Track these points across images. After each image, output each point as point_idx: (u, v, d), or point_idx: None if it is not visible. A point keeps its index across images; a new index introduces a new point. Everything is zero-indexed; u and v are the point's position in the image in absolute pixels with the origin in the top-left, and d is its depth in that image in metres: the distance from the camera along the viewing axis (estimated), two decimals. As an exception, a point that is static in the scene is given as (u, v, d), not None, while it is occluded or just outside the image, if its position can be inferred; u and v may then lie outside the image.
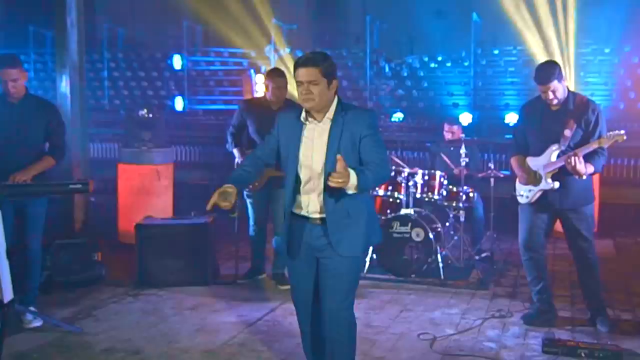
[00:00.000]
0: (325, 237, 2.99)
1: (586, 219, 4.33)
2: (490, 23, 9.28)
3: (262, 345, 4.13)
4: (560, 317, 4.61)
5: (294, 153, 3.03)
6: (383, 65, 9.99)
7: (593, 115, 4.19)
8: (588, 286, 4.51)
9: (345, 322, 3.10)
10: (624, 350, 3.90)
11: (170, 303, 5.04)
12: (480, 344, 4.17)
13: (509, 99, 9.30)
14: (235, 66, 11.09)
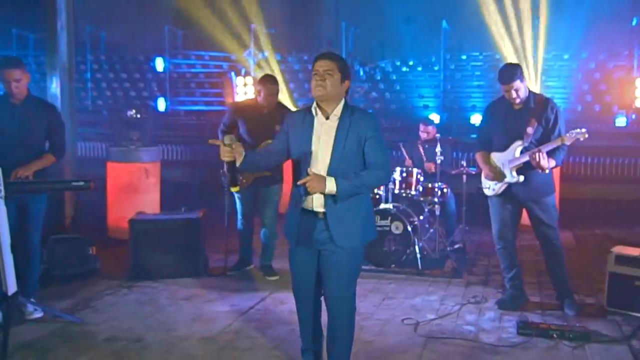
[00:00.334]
0: (327, 230, 3.06)
1: (548, 208, 4.48)
2: (459, 30, 9.48)
3: (256, 332, 4.17)
4: (530, 302, 4.76)
5: (307, 149, 3.08)
6: (357, 69, 10.12)
7: (552, 113, 4.34)
8: (555, 273, 4.66)
9: (347, 310, 3.19)
10: (591, 331, 4.07)
11: (165, 294, 5.04)
12: (460, 328, 4.29)
13: (476, 101, 9.50)
14: (216, 69, 11.09)
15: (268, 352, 3.83)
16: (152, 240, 5.45)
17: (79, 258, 5.41)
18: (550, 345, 3.92)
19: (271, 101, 5.25)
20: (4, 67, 4.20)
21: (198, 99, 11.19)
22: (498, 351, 3.84)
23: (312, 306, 3.33)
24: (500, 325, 4.33)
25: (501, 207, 4.54)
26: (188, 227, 5.55)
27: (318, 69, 3.03)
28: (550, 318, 4.45)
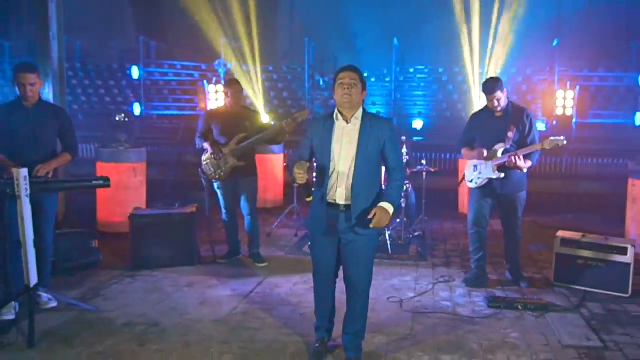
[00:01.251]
0: (348, 221, 3.08)
1: (520, 202, 4.67)
2: (408, 47, 9.67)
3: (263, 313, 4.13)
4: (490, 280, 4.89)
5: (328, 150, 3.10)
6: (318, 79, 10.15)
7: (527, 120, 4.53)
8: (512, 255, 4.87)
9: (366, 290, 3.23)
10: (547, 302, 4.27)
11: (168, 282, 4.89)
12: (439, 303, 4.39)
13: (421, 108, 9.75)
14: (187, 77, 10.83)
15: (278, 330, 3.80)
16: (151, 233, 5.28)
17: (83, 251, 5.17)
18: (517, 315, 4.10)
19: (238, 99, 5.26)
20: (20, 71, 3.98)
21: (170, 104, 10.90)
22: (475, 322, 3.98)
23: (330, 289, 3.35)
24: (471, 300, 4.47)
25: (480, 199, 4.67)
26: (185, 220, 5.40)
27: (344, 79, 3.06)
28: (509, 292, 4.62)
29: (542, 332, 3.78)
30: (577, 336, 3.72)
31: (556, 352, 3.47)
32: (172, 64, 10.92)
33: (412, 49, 9.61)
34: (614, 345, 3.59)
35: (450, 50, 9.52)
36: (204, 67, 10.73)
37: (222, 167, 5.22)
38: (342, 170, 3.06)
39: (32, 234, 3.66)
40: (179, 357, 3.39)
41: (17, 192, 3.51)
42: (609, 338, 3.70)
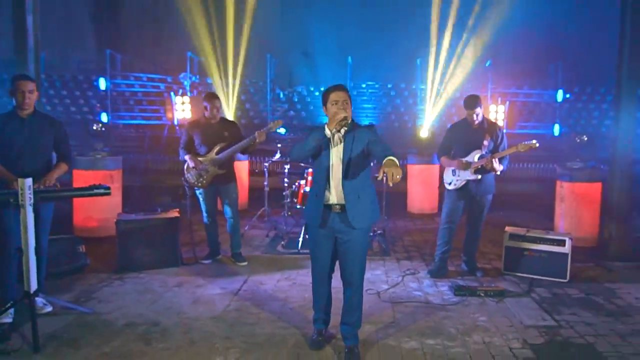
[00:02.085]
0: (344, 221, 3.11)
1: (488, 204, 4.86)
2: (361, 64, 9.83)
3: (255, 309, 4.06)
4: (450, 271, 5.03)
5: (324, 157, 3.12)
6: (278, 92, 10.11)
7: (500, 132, 4.78)
8: (471, 249, 5.06)
9: (361, 282, 3.25)
10: (503, 289, 4.48)
11: (157, 282, 4.70)
12: (411, 293, 4.48)
13: (371, 119, 9.91)
14: (153, 89, 10.46)
15: (274, 324, 3.75)
16: (137, 237, 5.07)
17: (70, 256, 4.88)
18: (480, 301, 4.26)
19: (217, 113, 5.20)
20: (20, 79, 3.76)
21: (136, 114, 10.48)
22: (447, 309, 4.10)
23: (327, 282, 3.35)
24: (438, 289, 4.59)
25: (456, 199, 4.82)
26: (169, 224, 5.23)
27: (338, 99, 3.09)
28: (469, 281, 4.78)
29: (504, 315, 3.95)
30: (534, 317, 3.92)
31: (521, 332, 3.64)
32: (138, 76, 10.50)
33: (364, 66, 9.79)
34: (565, 323, 3.82)
35: (398, 68, 9.79)
36: (170, 79, 10.41)
37: (203, 176, 5.18)
38: (335, 175, 3.12)
39: (34, 242, 3.43)
40: (187, 354, 3.27)
41: (21, 201, 3.27)
42: (560, 317, 3.92)
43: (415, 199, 8.25)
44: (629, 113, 5.53)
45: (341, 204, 3.12)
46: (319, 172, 3.16)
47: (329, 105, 3.16)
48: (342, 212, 3.12)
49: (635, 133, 5.59)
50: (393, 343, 3.45)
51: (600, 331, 3.67)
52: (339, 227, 3.14)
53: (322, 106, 3.28)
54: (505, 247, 5.08)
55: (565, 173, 6.18)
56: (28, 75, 3.83)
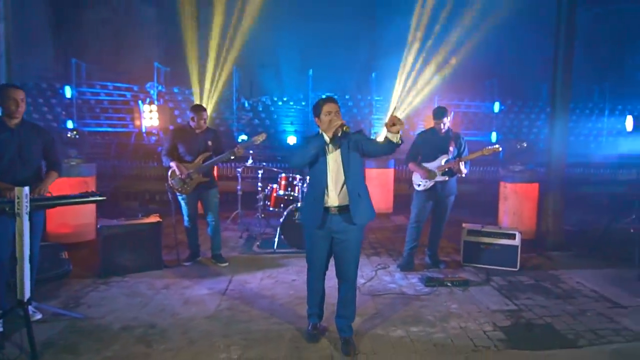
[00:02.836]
0: (343, 220, 3.11)
1: (451, 204, 5.00)
2: (322, 77, 9.87)
3: (246, 307, 3.96)
4: (416, 265, 5.14)
5: (322, 164, 3.11)
6: (243, 101, 9.94)
7: (463, 140, 4.96)
8: (434, 243, 5.21)
9: (355, 278, 3.25)
10: (467, 279, 4.65)
11: (143, 286, 4.48)
12: (386, 286, 4.53)
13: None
14: (120, 97, 9.98)
15: (268, 320, 3.69)
16: (120, 242, 4.81)
17: (54, 262, 4.56)
18: (449, 291, 4.39)
19: (203, 124, 5.10)
20: (10, 87, 3.50)
21: (102, 122, 9.95)
22: (421, 299, 4.19)
23: (322, 279, 3.34)
24: (410, 282, 4.68)
25: (424, 200, 4.93)
26: (152, 229, 4.99)
27: (331, 110, 3.10)
28: (435, 273, 4.91)
29: (472, 302, 4.10)
30: (498, 303, 4.10)
31: (489, 316, 3.80)
32: (104, 84, 9.97)
33: (325, 78, 9.85)
34: (524, 307, 4.02)
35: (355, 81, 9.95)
36: (136, 88, 9.97)
37: (187, 183, 5.03)
38: (332, 179, 3.12)
39: (28, 250, 3.16)
40: (190, 354, 3.14)
41: (17, 209, 3.02)
42: (519, 302, 4.13)
43: (372, 199, 8.35)
44: (562, 124, 5.93)
45: (339, 205, 3.12)
46: (317, 177, 3.15)
47: (322, 116, 3.15)
48: (340, 213, 3.13)
49: (567, 141, 5.99)
50: (381, 332, 3.49)
51: (554, 312, 3.90)
52: (336, 227, 3.14)
53: (315, 117, 3.25)
54: (464, 241, 5.28)
55: (508, 175, 6.52)
56: (17, 84, 3.54)
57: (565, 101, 5.87)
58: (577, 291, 4.44)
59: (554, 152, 6.01)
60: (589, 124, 9.71)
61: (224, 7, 8.81)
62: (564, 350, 3.20)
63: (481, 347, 3.25)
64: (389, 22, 10.11)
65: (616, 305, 4.05)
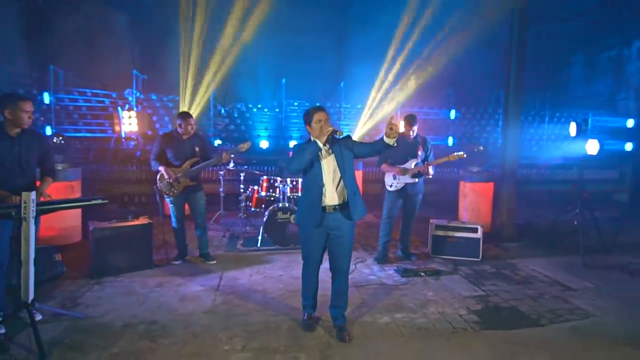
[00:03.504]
0: (340, 217, 3.18)
1: (419, 201, 5.18)
2: (294, 85, 9.90)
3: (240, 301, 3.96)
4: (390, 257, 5.27)
5: (318, 168, 3.17)
6: (219, 108, 9.82)
7: (429, 144, 5.12)
8: (406, 237, 5.38)
9: (347, 272, 3.33)
10: (438, 269, 4.84)
11: (137, 285, 4.38)
12: (367, 277, 4.63)
13: (302, 132, 10.02)
14: (98, 103, 9.61)
15: (264, 313, 3.71)
16: (112, 243, 4.68)
17: (47, 264, 4.37)
18: (423, 280, 4.56)
19: (190, 129, 5.06)
20: (21, 99, 3.37)
21: (81, 127, 9.54)
22: (400, 288, 4.33)
23: (317, 273, 3.39)
24: (387, 273, 4.81)
25: (395, 198, 5.07)
26: (143, 230, 4.88)
27: (321, 118, 3.17)
28: (408, 265, 5.06)
29: (445, 290, 4.29)
30: (467, 289, 4.31)
31: (463, 302, 3.98)
32: (82, 91, 9.55)
33: (297, 87, 9.88)
34: (490, 292, 4.24)
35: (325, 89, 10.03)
36: (115, 95, 9.62)
37: (175, 186, 4.97)
38: (328, 181, 3.19)
39: (34, 253, 3.04)
40: (195, 347, 3.12)
41: (24, 214, 2.90)
42: (485, 288, 4.35)
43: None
44: (514, 130, 6.27)
45: (336, 204, 3.19)
46: (313, 181, 3.20)
47: (313, 124, 3.21)
48: (336, 210, 3.19)
49: (518, 145, 6.34)
50: (369, 320, 3.59)
51: (517, 296, 4.14)
52: (333, 224, 3.21)
53: (306, 125, 3.30)
54: (432, 235, 5.49)
55: (467, 175, 6.82)
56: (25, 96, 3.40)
57: (517, 111, 6.21)
58: (534, 277, 4.72)
59: (508, 155, 6.35)
60: (532, 130, 10.29)
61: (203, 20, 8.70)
62: (529, 329, 3.42)
63: (459, 329, 3.42)
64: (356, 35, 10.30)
65: (568, 288, 4.35)
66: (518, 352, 3.04)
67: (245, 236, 6.42)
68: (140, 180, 9.18)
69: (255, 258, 5.39)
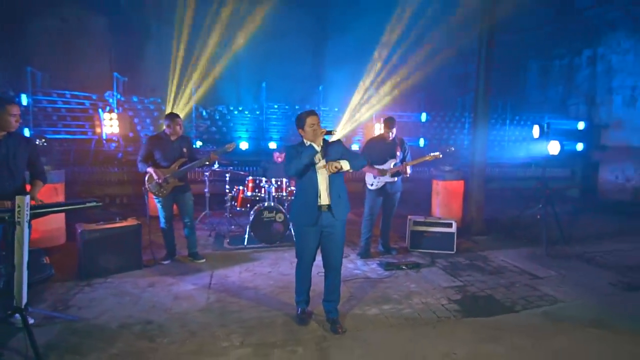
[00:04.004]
0: (330, 217, 3.19)
1: (398, 199, 5.24)
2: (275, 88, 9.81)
3: (233, 299, 3.89)
4: (372, 252, 5.32)
5: (314, 172, 3.18)
6: (201, 110, 9.60)
7: (407, 146, 5.18)
8: (386, 233, 5.43)
9: (340, 267, 3.33)
10: (417, 262, 4.93)
11: (128, 285, 4.23)
12: (352, 272, 4.65)
13: (281, 134, 9.95)
14: (78, 105, 9.21)
15: (258, 308, 3.66)
16: (101, 245, 4.50)
17: (36, 267, 4.13)
18: (404, 273, 4.61)
19: (178, 130, 4.95)
20: (8, 103, 3.19)
21: (60, 129, 9.11)
22: (384, 281, 4.37)
23: (310, 270, 3.38)
24: (371, 267, 4.85)
25: (375, 197, 5.11)
26: (132, 232, 4.72)
27: (314, 122, 3.17)
28: (389, 259, 5.11)
29: (426, 281, 4.37)
30: (446, 280, 4.40)
31: (443, 292, 4.07)
32: (61, 92, 9.11)
33: (278, 90, 9.79)
34: (467, 282, 4.35)
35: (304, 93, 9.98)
36: (95, 97, 9.24)
37: (164, 187, 4.84)
38: (324, 181, 3.20)
39: (27, 258, 2.89)
40: (195, 345, 3.05)
41: (17, 218, 2.75)
42: (462, 279, 4.46)
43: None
44: (483, 132, 6.46)
45: (329, 203, 3.20)
46: (309, 182, 3.19)
47: (306, 127, 3.21)
48: (329, 210, 3.20)
49: (486, 147, 6.53)
50: (359, 312, 3.61)
51: (491, 285, 4.27)
52: (326, 222, 3.21)
53: (298, 128, 3.29)
54: (411, 230, 5.57)
55: (440, 174, 6.97)
56: (13, 99, 3.22)
57: (485, 114, 6.40)
58: (504, 267, 4.88)
59: (476, 155, 6.53)
60: (494, 132, 10.64)
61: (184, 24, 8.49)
62: (506, 315, 3.54)
63: (443, 317, 3.49)
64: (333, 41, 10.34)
65: (535, 277, 4.53)
66: (498, 337, 3.14)
67: (231, 235, 6.32)
68: (122, 181, 8.86)
69: (242, 256, 5.32)
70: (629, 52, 9.45)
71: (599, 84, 10.16)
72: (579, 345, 3.06)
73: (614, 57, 9.79)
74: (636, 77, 9.30)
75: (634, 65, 9.32)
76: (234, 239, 6.10)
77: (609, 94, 9.95)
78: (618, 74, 9.71)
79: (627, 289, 4.16)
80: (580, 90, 10.64)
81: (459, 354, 2.92)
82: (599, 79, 10.15)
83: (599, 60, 10.14)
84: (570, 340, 3.13)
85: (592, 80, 10.31)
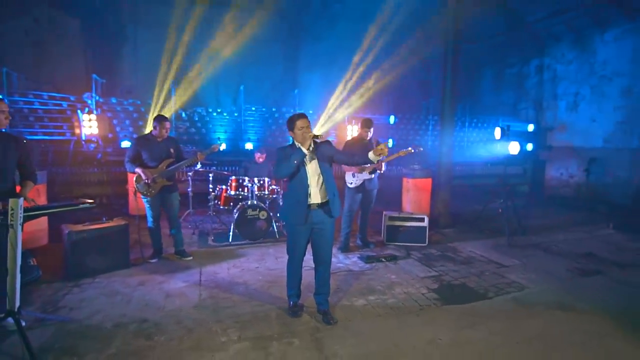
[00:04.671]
0: (324, 213, 3.17)
1: (375, 196, 5.28)
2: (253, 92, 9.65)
3: (225, 294, 3.81)
4: (351, 246, 5.32)
5: (304, 173, 3.14)
6: (180, 112, 9.30)
7: (377, 143, 5.21)
8: (364, 228, 5.47)
9: (330, 262, 3.32)
10: (394, 255, 5.00)
11: (118, 285, 4.04)
12: (335, 265, 4.63)
13: (258, 135, 9.82)
14: (55, 106, 8.67)
15: (250, 303, 3.60)
16: (89, 245, 4.28)
17: (23, 269, 3.82)
18: (384, 265, 4.66)
19: (165, 132, 4.80)
20: None
21: (37, 130, 8.55)
22: (366, 273, 4.40)
23: (301, 265, 3.35)
24: (352, 260, 4.87)
25: (355, 194, 5.11)
26: (119, 231, 4.52)
27: (304, 125, 3.14)
28: (368, 252, 5.15)
29: (405, 272, 4.44)
30: (423, 271, 4.49)
31: (422, 281, 4.15)
32: (39, 94, 8.54)
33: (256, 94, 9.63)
34: (442, 272, 4.46)
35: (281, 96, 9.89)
36: (73, 98, 8.73)
37: (152, 187, 4.67)
38: (314, 181, 3.17)
39: (20, 261, 2.69)
40: (192, 341, 2.95)
41: (11, 221, 2.55)
42: (437, 269, 4.57)
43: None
44: (449, 133, 6.63)
45: (319, 202, 3.18)
46: (299, 183, 3.16)
47: (296, 130, 3.17)
48: (319, 208, 3.18)
49: (453, 146, 6.71)
50: (347, 303, 3.62)
51: (463, 274, 4.40)
52: (317, 219, 3.19)
53: (289, 131, 3.25)
54: (387, 225, 5.65)
55: (410, 172, 7.10)
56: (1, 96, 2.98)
57: (451, 116, 6.58)
58: (472, 257, 5.04)
59: (443, 155, 6.70)
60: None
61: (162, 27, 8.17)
62: (480, 302, 3.66)
63: (425, 306, 3.56)
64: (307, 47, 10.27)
65: (501, 265, 4.71)
66: (476, 323, 3.24)
67: (215, 232, 6.17)
68: (101, 181, 8.47)
69: (228, 253, 5.20)
70: (572, 62, 10.00)
71: (546, 91, 10.69)
72: (550, 326, 3.21)
73: (558, 67, 10.33)
74: (578, 85, 9.86)
75: (576, 74, 9.88)
76: (218, 236, 5.97)
77: (554, 99, 10.50)
78: (562, 82, 10.26)
79: (581, 275, 4.40)
80: (530, 96, 11.16)
81: (444, 340, 2.99)
82: (545, 86, 10.68)
83: (546, 69, 10.66)
84: (541, 323, 3.27)
85: (540, 87, 10.84)
